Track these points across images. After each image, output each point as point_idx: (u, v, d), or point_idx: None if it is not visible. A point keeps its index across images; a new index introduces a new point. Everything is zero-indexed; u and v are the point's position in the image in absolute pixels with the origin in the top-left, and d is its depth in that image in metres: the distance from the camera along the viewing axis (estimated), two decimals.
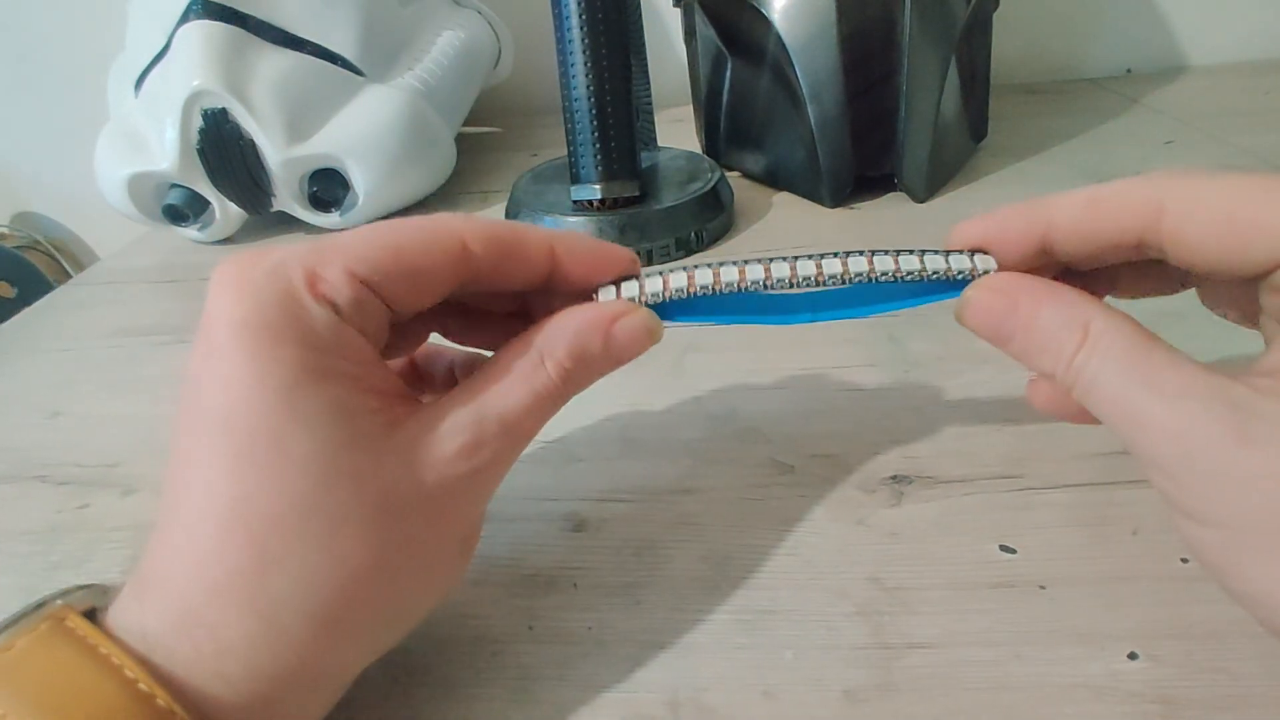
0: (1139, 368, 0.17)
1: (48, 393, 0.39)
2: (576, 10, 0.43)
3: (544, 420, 0.20)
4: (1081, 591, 0.23)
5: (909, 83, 0.47)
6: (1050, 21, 0.72)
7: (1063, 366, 0.18)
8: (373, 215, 0.54)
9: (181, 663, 0.16)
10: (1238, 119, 0.58)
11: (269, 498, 0.16)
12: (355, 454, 0.16)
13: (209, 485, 0.16)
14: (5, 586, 0.27)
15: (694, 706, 0.21)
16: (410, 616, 0.19)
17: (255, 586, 0.16)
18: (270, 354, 0.16)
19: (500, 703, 0.21)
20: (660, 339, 0.21)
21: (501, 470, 0.20)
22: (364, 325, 0.18)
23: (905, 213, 0.49)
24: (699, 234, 0.46)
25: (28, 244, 0.85)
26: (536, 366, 0.19)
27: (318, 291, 0.17)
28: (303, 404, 0.16)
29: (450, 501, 0.18)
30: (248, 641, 0.16)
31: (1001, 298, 0.20)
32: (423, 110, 0.54)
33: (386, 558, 0.17)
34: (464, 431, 0.18)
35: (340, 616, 0.17)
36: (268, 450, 0.16)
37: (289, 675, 0.17)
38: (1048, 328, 0.19)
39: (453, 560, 0.20)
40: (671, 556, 0.25)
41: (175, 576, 0.16)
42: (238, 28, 0.48)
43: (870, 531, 0.26)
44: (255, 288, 0.17)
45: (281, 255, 0.18)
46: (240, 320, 0.16)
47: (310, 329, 0.16)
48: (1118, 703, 0.20)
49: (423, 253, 0.18)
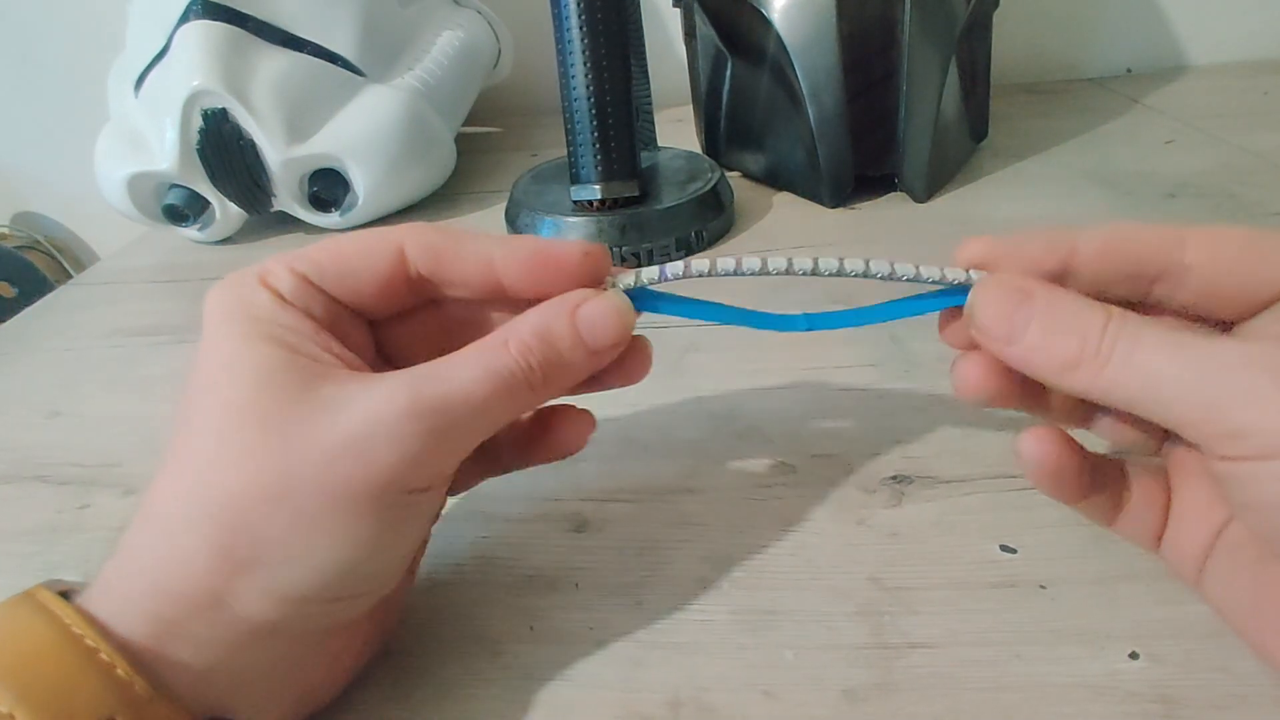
0: (1175, 333, 0.18)
1: (48, 393, 0.39)
2: (576, 10, 0.43)
3: (505, 403, 0.19)
4: (1082, 591, 0.23)
5: (909, 82, 0.47)
6: (1050, 21, 0.72)
7: (1094, 339, 0.18)
8: (373, 215, 0.54)
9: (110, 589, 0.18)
10: (1238, 119, 0.58)
11: (193, 436, 0.18)
12: (267, 397, 0.18)
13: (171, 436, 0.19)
14: (5, 587, 0.27)
15: (695, 706, 0.21)
16: (308, 568, 0.18)
17: (169, 513, 0.18)
18: (221, 327, 0.19)
19: (501, 703, 0.21)
20: (632, 323, 0.21)
21: (444, 445, 0.19)
22: (307, 306, 0.20)
23: (905, 213, 0.49)
24: (699, 234, 0.46)
25: (28, 244, 0.85)
26: (497, 346, 0.19)
27: (263, 282, 0.20)
28: (234, 362, 0.19)
29: (368, 456, 0.18)
30: (151, 551, 0.18)
31: (1014, 288, 0.19)
32: (423, 110, 0.54)
33: (284, 488, 0.17)
34: (398, 388, 0.18)
35: (232, 546, 0.17)
36: (201, 396, 0.19)
37: (186, 598, 0.17)
38: (1071, 308, 0.19)
39: (367, 525, 0.18)
40: (672, 556, 0.25)
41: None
42: (238, 28, 0.48)
43: (871, 531, 0.26)
44: (224, 286, 0.20)
45: (252, 265, 0.21)
46: (209, 308, 0.20)
47: (252, 305, 0.20)
48: (1118, 703, 0.20)
49: (356, 251, 0.21)
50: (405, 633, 0.23)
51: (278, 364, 0.18)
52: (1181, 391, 0.17)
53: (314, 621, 0.19)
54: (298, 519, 0.17)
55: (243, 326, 0.19)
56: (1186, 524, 0.20)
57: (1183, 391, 0.17)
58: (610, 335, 0.20)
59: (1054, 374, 0.19)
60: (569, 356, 0.20)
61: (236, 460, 0.18)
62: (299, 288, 0.20)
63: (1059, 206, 0.47)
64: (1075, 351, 0.18)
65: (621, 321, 0.20)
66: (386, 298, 0.21)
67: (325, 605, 0.19)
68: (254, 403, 0.18)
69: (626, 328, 0.21)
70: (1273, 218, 0.43)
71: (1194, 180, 0.48)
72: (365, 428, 0.18)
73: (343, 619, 0.20)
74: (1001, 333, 0.19)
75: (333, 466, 0.17)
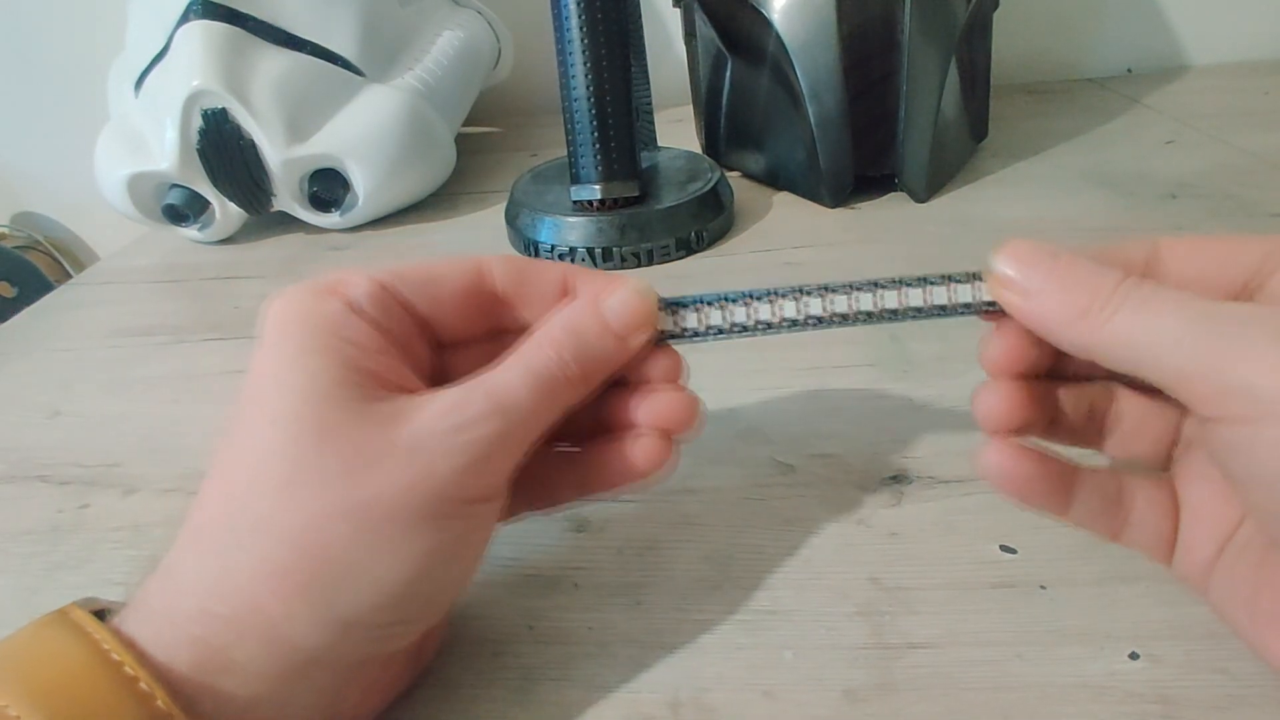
0: (1184, 294, 0.18)
1: (48, 393, 0.39)
2: (576, 10, 0.43)
3: (550, 403, 0.20)
4: (1082, 592, 0.23)
5: (909, 83, 0.47)
6: (1051, 21, 0.72)
7: (1105, 293, 0.18)
8: (373, 215, 0.54)
9: (154, 612, 0.17)
10: (1238, 119, 0.58)
11: (240, 452, 0.18)
12: (325, 410, 0.18)
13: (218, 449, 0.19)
14: (5, 586, 0.27)
15: (695, 706, 0.21)
16: (369, 586, 0.18)
17: (217, 531, 0.18)
18: (276, 337, 0.19)
19: (501, 703, 0.21)
20: (654, 305, 0.21)
21: (497, 449, 0.19)
22: (380, 317, 0.20)
23: (906, 213, 0.49)
24: (699, 234, 0.46)
25: (28, 244, 0.85)
26: (534, 347, 0.20)
27: (335, 291, 0.20)
28: (284, 374, 0.18)
29: (427, 468, 0.18)
30: (197, 572, 0.17)
31: (1042, 245, 0.20)
32: (423, 110, 0.54)
33: (346, 504, 0.17)
34: (448, 400, 0.19)
35: (291, 566, 0.17)
36: (248, 408, 0.18)
37: (238, 622, 0.17)
38: (1090, 266, 0.19)
39: (429, 539, 0.18)
40: (673, 557, 0.25)
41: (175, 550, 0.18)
42: (238, 28, 0.48)
43: (870, 531, 0.26)
44: (289, 294, 0.20)
45: (327, 274, 0.21)
46: (269, 317, 0.20)
47: (315, 315, 0.19)
48: (1118, 703, 0.20)
49: (440, 263, 0.21)
50: None
51: (331, 378, 0.18)
52: (1181, 346, 0.17)
53: (362, 649, 0.18)
54: (359, 535, 0.17)
55: (299, 339, 0.19)
56: (1195, 532, 0.20)
57: (1183, 346, 0.17)
58: (633, 317, 0.21)
59: (1064, 325, 0.19)
60: (599, 345, 0.21)
61: (290, 476, 0.17)
62: (376, 295, 0.20)
63: (1059, 206, 0.47)
64: (1085, 303, 0.18)
65: (643, 302, 0.21)
66: (463, 313, 0.22)
67: (377, 630, 0.18)
68: (303, 417, 0.18)
69: (649, 308, 0.21)
70: (1273, 218, 0.43)
71: (1194, 180, 0.48)
72: (423, 440, 0.18)
73: (390, 648, 0.19)
74: (1023, 283, 0.20)
75: (393, 480, 0.17)
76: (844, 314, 0.21)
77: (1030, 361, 0.21)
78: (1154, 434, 0.21)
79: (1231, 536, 0.20)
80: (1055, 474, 0.20)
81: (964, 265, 0.21)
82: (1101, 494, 0.21)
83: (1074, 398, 0.21)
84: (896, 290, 0.21)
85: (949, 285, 0.21)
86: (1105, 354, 0.18)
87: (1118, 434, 0.22)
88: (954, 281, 0.21)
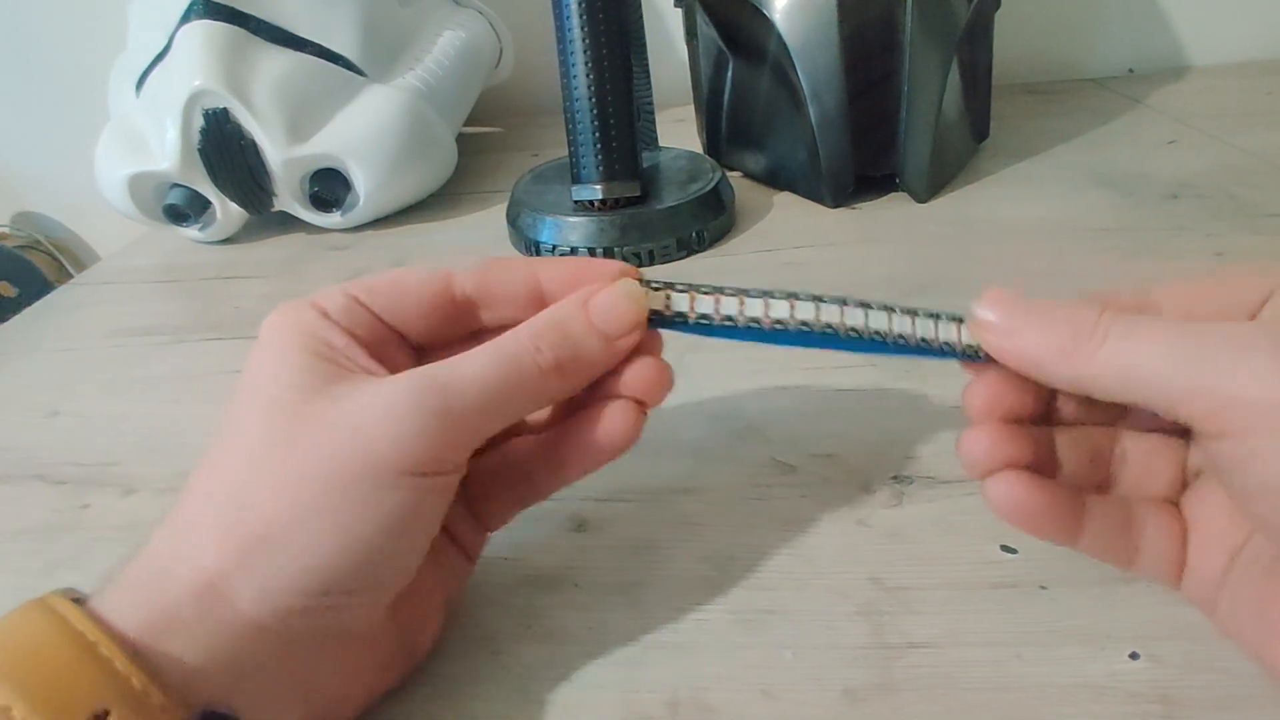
0: (1166, 320, 0.18)
1: (47, 393, 0.39)
2: (577, 10, 0.43)
3: (515, 388, 0.20)
4: (1082, 591, 0.23)
5: (910, 82, 0.47)
6: (1052, 21, 0.72)
7: (1088, 326, 0.19)
8: (374, 215, 0.54)
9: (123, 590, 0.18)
10: (1239, 119, 0.58)
11: (227, 435, 0.20)
12: (293, 394, 0.19)
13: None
14: (5, 586, 0.27)
15: (694, 706, 0.21)
16: (301, 551, 0.18)
17: (193, 500, 0.19)
18: (267, 342, 0.21)
19: (501, 702, 0.21)
20: (645, 309, 0.21)
21: (438, 424, 0.19)
22: (353, 325, 0.21)
23: (906, 213, 0.49)
24: (700, 234, 0.46)
25: (28, 244, 0.85)
26: (513, 334, 0.20)
27: (314, 305, 0.21)
28: (273, 365, 0.20)
29: (365, 438, 0.18)
30: (166, 540, 0.19)
31: (1017, 291, 0.20)
32: (423, 110, 0.54)
33: (287, 471, 0.18)
34: (404, 377, 0.19)
35: (233, 526, 0.18)
36: (237, 404, 0.20)
37: (183, 579, 0.18)
38: (1068, 305, 0.19)
39: (367, 508, 0.18)
40: (672, 556, 0.25)
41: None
42: (239, 28, 0.48)
43: (871, 531, 0.26)
44: (280, 310, 0.22)
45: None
46: (264, 329, 0.21)
47: (299, 323, 0.21)
48: (1118, 703, 0.20)
49: (407, 275, 0.22)
50: None
51: (302, 367, 0.20)
52: (1172, 369, 0.17)
53: (314, 620, 0.19)
54: (298, 500, 0.18)
55: (280, 340, 0.21)
56: (1203, 551, 0.20)
57: (1173, 369, 0.17)
58: (623, 320, 0.21)
59: (1050, 362, 0.19)
60: (583, 343, 0.21)
61: (248, 448, 0.19)
62: (347, 306, 0.21)
63: (1060, 207, 0.47)
64: (1070, 339, 0.19)
65: (634, 305, 0.21)
66: (430, 317, 0.22)
67: (321, 601, 0.18)
68: (275, 399, 0.19)
69: (639, 312, 0.21)
70: (1273, 218, 0.43)
71: (1195, 180, 0.48)
72: (366, 410, 0.19)
73: (348, 623, 0.19)
74: (1004, 324, 0.20)
75: (334, 448, 0.18)
76: (833, 325, 0.21)
77: (1009, 406, 0.21)
78: (1162, 470, 0.21)
79: (1239, 553, 0.20)
80: (1065, 503, 0.20)
81: (964, 265, 0.21)
82: (1111, 522, 0.21)
83: (1071, 443, 0.21)
84: (886, 314, 0.22)
85: (936, 321, 0.22)
86: (1097, 384, 0.19)
87: (1125, 477, 0.22)
88: (941, 319, 0.22)
